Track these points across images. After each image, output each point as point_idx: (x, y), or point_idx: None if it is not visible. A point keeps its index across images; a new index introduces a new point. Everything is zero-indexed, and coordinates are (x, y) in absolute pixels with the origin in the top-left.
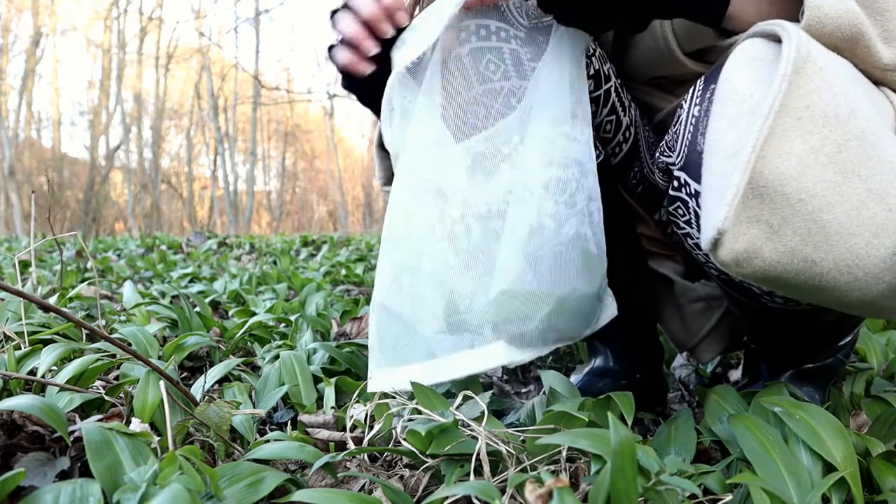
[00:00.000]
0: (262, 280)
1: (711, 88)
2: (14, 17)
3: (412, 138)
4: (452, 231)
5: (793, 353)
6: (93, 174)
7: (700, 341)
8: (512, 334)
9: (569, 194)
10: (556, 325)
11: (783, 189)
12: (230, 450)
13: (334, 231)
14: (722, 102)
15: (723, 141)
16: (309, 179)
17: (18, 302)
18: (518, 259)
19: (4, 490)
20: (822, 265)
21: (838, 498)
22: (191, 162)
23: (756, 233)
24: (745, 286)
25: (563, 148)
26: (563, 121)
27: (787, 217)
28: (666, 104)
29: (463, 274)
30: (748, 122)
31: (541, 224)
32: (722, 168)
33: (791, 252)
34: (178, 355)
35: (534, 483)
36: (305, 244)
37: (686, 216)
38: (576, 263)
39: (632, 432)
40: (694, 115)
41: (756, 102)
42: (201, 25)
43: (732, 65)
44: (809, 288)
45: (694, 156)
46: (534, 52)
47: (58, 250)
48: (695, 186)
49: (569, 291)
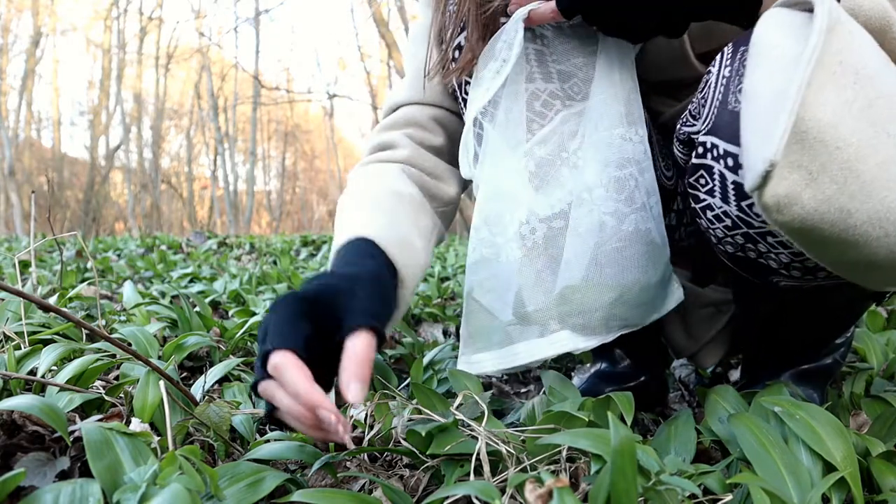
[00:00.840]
0: (262, 280)
1: (742, 50)
2: (14, 17)
3: (488, 148)
4: (520, 231)
5: (791, 353)
6: (93, 174)
7: (703, 347)
8: (576, 324)
9: (627, 193)
10: (619, 314)
11: (822, 136)
12: (230, 450)
13: (334, 231)
14: (760, 56)
15: (765, 87)
16: (309, 179)
17: (18, 302)
18: (580, 256)
19: (4, 490)
20: (856, 217)
21: (838, 498)
22: (191, 162)
23: (796, 178)
24: (761, 263)
25: (619, 149)
26: (618, 123)
27: (825, 164)
28: (667, 108)
29: (528, 271)
30: (789, 70)
31: (601, 222)
32: (767, 111)
33: (828, 200)
34: (178, 355)
35: (534, 483)
36: (305, 244)
37: (709, 184)
38: (637, 257)
39: (632, 432)
40: (724, 75)
41: (795, 54)
42: (201, 25)
43: (765, 26)
44: (841, 243)
45: (724, 115)
46: (587, 60)
47: (58, 250)
48: (724, 147)
49: (630, 283)
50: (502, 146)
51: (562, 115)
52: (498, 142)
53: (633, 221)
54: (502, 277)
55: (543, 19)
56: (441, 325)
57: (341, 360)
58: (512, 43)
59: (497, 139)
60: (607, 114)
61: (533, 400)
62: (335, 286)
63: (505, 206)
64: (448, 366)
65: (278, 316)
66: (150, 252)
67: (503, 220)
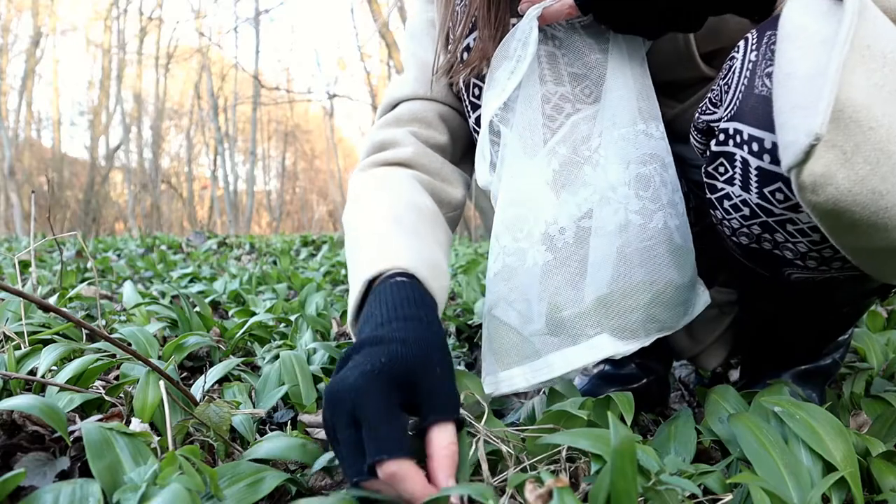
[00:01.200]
0: (262, 280)
1: (769, 34)
2: (14, 17)
3: (506, 152)
4: (547, 232)
5: (791, 353)
6: (93, 174)
7: (706, 348)
8: (614, 327)
9: (652, 189)
10: (656, 315)
11: (857, 115)
12: (230, 450)
13: (334, 231)
14: (791, 38)
15: (800, 65)
16: (309, 179)
17: (18, 302)
18: (609, 257)
19: (4, 490)
20: (887, 198)
21: (838, 497)
22: (191, 162)
23: (832, 157)
24: (775, 255)
25: (640, 145)
26: (636, 119)
27: (859, 144)
28: (668, 110)
29: (561, 273)
30: (824, 50)
31: (627, 220)
32: (806, 87)
33: (861, 181)
34: (178, 355)
35: (534, 483)
36: (305, 244)
37: (728, 172)
38: (667, 255)
39: (632, 432)
40: (751, 59)
41: (827, 34)
42: (201, 25)
43: (792, 10)
44: (870, 227)
45: (750, 99)
46: (599, 58)
47: (58, 250)
48: (748, 132)
49: (664, 282)
50: (520, 150)
51: (572, 120)
52: (516, 145)
53: (662, 218)
54: (528, 286)
55: (559, 16)
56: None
57: (430, 452)
58: (527, 41)
59: (515, 143)
60: (624, 110)
61: (533, 400)
62: (412, 359)
63: (528, 210)
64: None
65: (374, 405)
66: (150, 252)
67: (527, 223)
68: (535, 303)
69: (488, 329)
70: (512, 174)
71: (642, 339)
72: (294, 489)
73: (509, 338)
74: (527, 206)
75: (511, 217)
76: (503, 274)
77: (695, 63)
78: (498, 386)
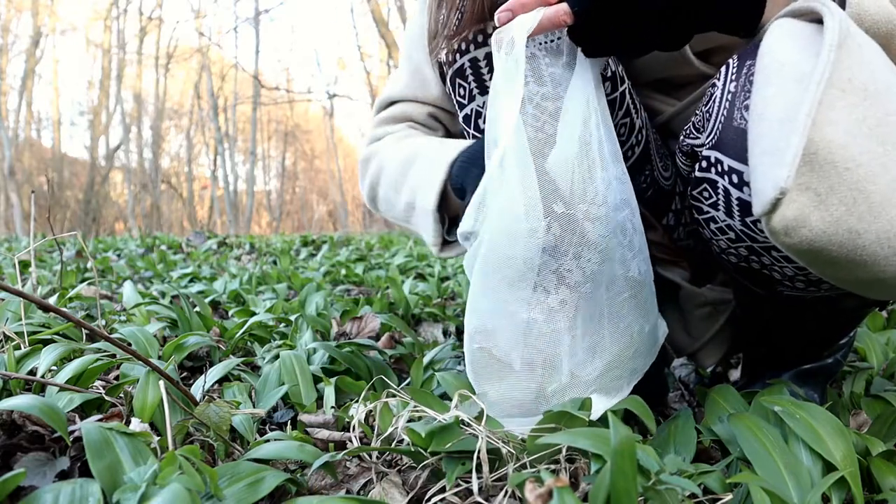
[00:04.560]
0: (262, 280)
1: (748, 64)
2: (14, 17)
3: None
4: (534, 295)
5: (792, 353)
6: (93, 174)
7: (703, 346)
8: (598, 389)
9: (628, 237)
10: (637, 367)
11: (832, 157)
12: (230, 450)
13: (334, 231)
14: (767, 73)
15: (773, 107)
16: (309, 179)
17: (18, 302)
18: (601, 312)
19: (4, 490)
20: (864, 237)
21: (838, 497)
22: (191, 162)
23: (805, 201)
24: (764, 274)
25: (616, 191)
26: (611, 163)
27: (834, 186)
28: (666, 107)
29: (551, 336)
30: (799, 89)
31: (613, 273)
32: (775, 132)
33: (837, 222)
34: (178, 355)
35: (534, 482)
36: (305, 244)
37: (712, 198)
38: (643, 303)
39: (632, 432)
40: (730, 90)
41: (804, 71)
42: (201, 25)
43: (772, 39)
44: (849, 262)
45: (729, 132)
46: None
47: (58, 250)
48: (728, 163)
49: (638, 330)
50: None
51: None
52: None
53: (636, 267)
54: (525, 364)
55: (555, 25)
56: (441, 324)
57: None
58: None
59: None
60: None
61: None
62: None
63: (514, 272)
64: (448, 365)
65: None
66: (150, 252)
67: (513, 282)
68: (528, 379)
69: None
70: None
71: (624, 390)
72: (294, 489)
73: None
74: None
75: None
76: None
77: (689, 62)
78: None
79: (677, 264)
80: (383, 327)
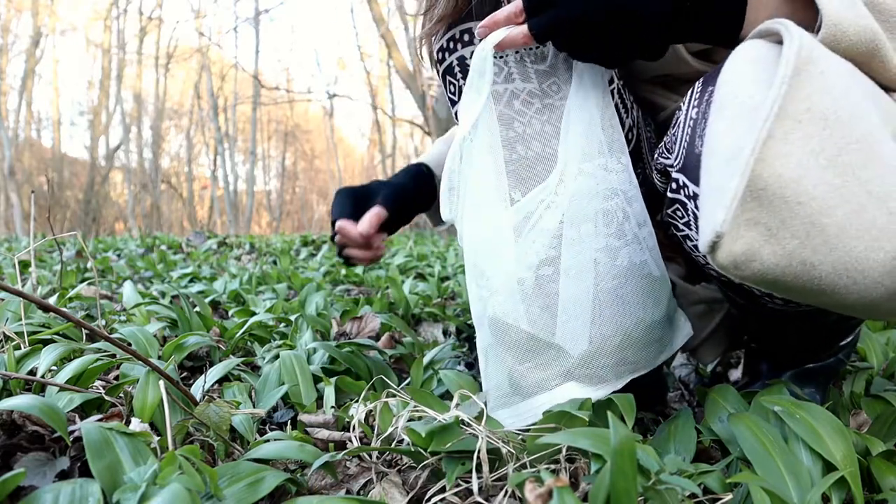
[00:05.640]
0: (262, 280)
1: (710, 91)
2: (14, 17)
3: (467, 198)
4: (507, 284)
5: (793, 353)
6: (93, 174)
7: (701, 343)
8: (580, 375)
9: (616, 225)
10: (627, 357)
11: (782, 192)
12: (230, 450)
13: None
14: (720, 105)
15: (722, 143)
16: (309, 179)
17: (18, 302)
18: (576, 300)
19: (4, 490)
20: (820, 268)
21: (838, 497)
22: (191, 162)
23: (754, 235)
24: (745, 288)
25: (602, 180)
26: (598, 153)
27: (785, 220)
28: (670, 103)
29: (520, 325)
30: (747, 124)
31: (594, 260)
32: (721, 170)
33: (789, 255)
34: (178, 355)
35: (533, 482)
36: (305, 244)
37: (685, 218)
38: (636, 293)
39: (632, 432)
40: (692, 117)
41: (755, 104)
42: (201, 25)
43: (732, 67)
44: (808, 291)
45: (692, 158)
46: (559, 90)
47: (58, 250)
48: (693, 188)
49: (634, 322)
50: (478, 190)
51: (540, 122)
52: (477, 191)
53: (627, 255)
54: (502, 338)
55: (515, 44)
56: (441, 324)
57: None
58: (483, 71)
59: (476, 187)
60: (586, 145)
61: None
62: (371, 187)
63: (487, 261)
64: (448, 365)
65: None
66: (150, 252)
67: (485, 273)
68: (505, 354)
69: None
70: (474, 221)
71: (613, 382)
72: (294, 489)
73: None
74: (487, 258)
75: (474, 267)
76: (481, 319)
77: (685, 61)
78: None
79: (671, 261)
80: (383, 327)
